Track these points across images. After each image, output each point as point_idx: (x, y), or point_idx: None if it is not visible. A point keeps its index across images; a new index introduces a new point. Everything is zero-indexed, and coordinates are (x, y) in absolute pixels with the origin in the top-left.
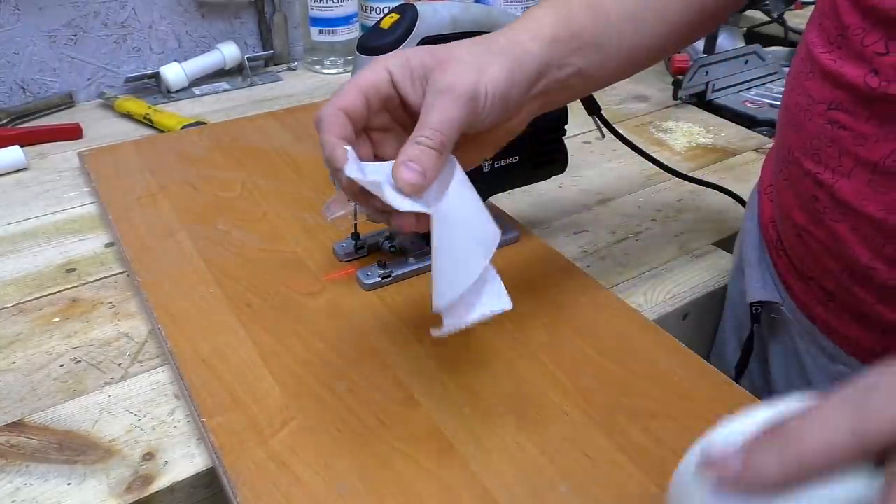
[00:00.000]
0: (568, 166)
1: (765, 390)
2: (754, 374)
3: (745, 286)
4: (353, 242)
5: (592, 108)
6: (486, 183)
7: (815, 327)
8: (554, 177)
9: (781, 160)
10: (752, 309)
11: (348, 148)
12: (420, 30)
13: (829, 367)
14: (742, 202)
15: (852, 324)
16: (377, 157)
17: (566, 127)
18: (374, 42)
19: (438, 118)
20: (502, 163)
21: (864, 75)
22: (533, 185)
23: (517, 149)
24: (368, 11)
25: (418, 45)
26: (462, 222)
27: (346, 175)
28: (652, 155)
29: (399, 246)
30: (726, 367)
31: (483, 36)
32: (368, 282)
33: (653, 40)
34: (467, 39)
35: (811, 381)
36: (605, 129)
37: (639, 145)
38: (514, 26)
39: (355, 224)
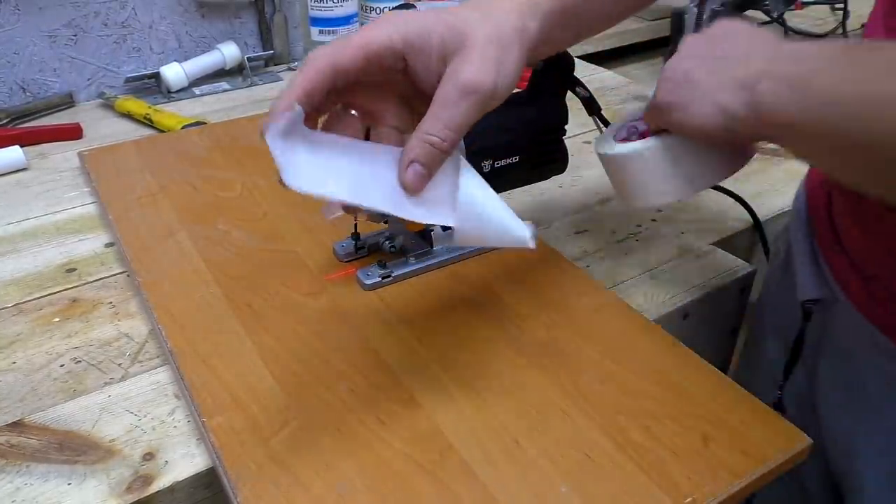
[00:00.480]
0: (568, 166)
1: (807, 391)
2: (798, 375)
3: (796, 283)
4: (354, 242)
5: (592, 108)
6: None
7: (875, 326)
8: (554, 177)
9: None
10: (804, 307)
11: (297, 108)
12: None
13: (885, 367)
14: (742, 202)
15: None
16: (364, 113)
17: (566, 127)
18: None
19: (455, 117)
20: (502, 163)
21: None
22: (533, 184)
23: (517, 149)
24: (368, 11)
25: None
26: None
27: (265, 138)
28: None
29: (399, 246)
30: (767, 368)
31: (489, 4)
32: (368, 282)
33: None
34: (477, 9)
35: (864, 382)
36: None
37: None
38: None
39: (355, 224)
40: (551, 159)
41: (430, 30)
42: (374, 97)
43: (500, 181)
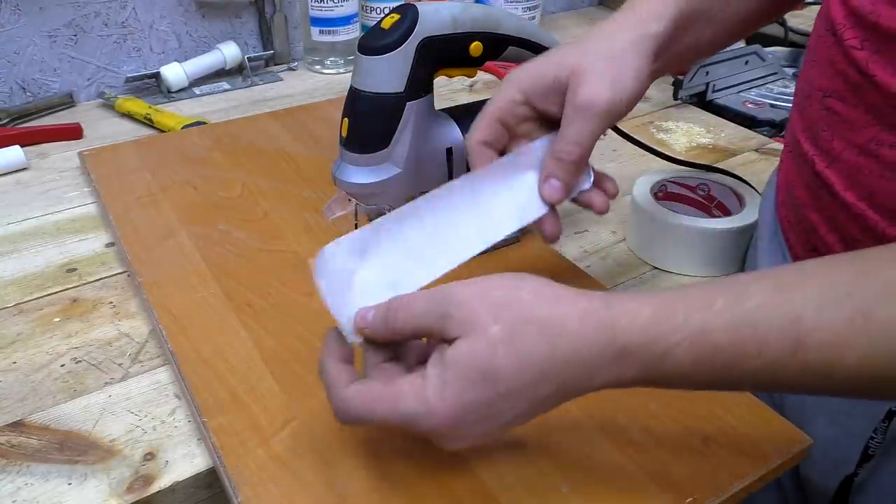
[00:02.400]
0: None
1: None
2: None
3: (755, 261)
4: None
5: None
6: None
7: None
8: None
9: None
10: None
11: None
12: (420, 30)
13: None
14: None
15: None
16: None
17: None
18: (375, 42)
19: (577, 132)
20: None
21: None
22: None
23: None
24: (369, 11)
25: (420, 44)
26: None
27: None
28: (664, 152)
29: None
30: None
31: (609, 23)
32: None
33: (756, 3)
34: (595, 34)
35: None
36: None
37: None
38: (640, 4)
39: (356, 224)
40: None
41: (544, 72)
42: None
43: None
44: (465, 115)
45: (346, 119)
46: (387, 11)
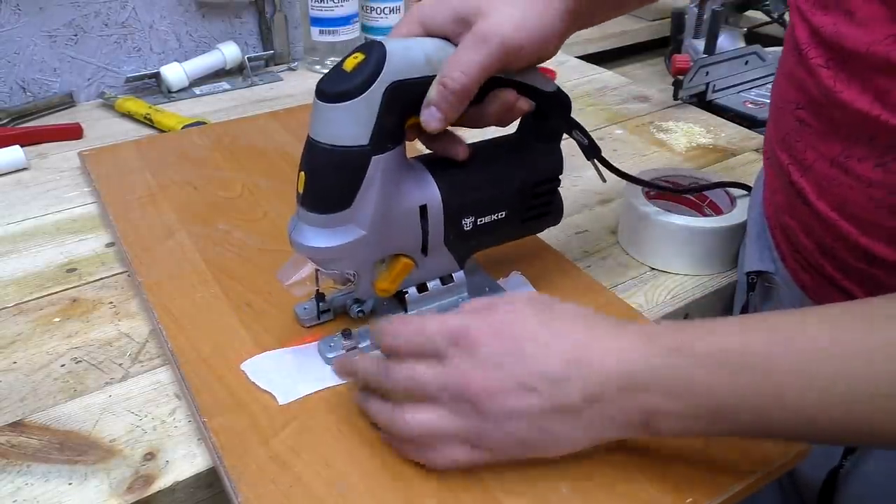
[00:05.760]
0: (567, 167)
1: None
2: None
3: (744, 257)
4: (317, 304)
5: (591, 154)
6: (466, 242)
7: (805, 294)
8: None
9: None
10: (749, 278)
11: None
12: (389, 72)
13: None
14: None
15: (834, 294)
16: None
17: (560, 177)
18: (334, 87)
19: (466, 61)
20: (486, 220)
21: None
22: None
23: (503, 204)
24: (369, 11)
25: (388, 89)
26: None
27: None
28: (661, 184)
29: (368, 310)
30: None
31: None
32: (331, 355)
33: None
34: None
35: None
36: (605, 173)
37: (638, 145)
38: None
39: (318, 290)
40: (543, 213)
41: (447, 7)
42: None
43: (483, 239)
44: (442, 165)
45: (302, 173)
46: (386, 11)
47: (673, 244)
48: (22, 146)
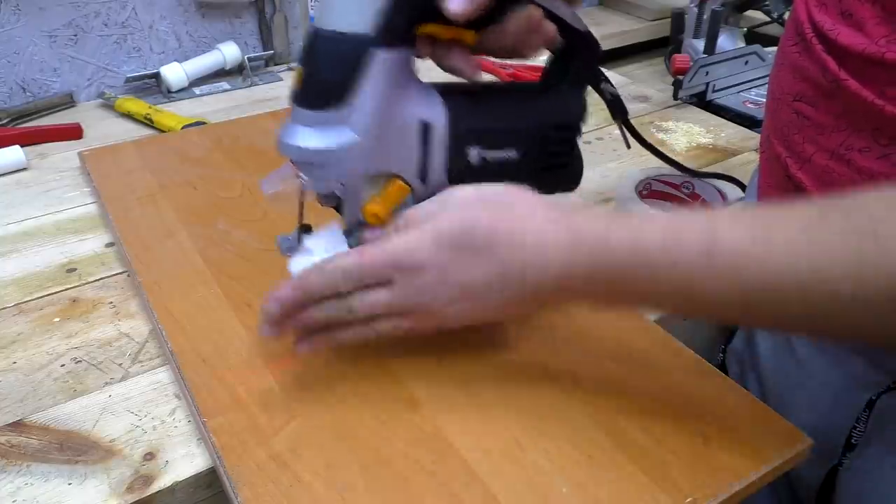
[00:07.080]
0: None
1: (747, 353)
2: (737, 339)
3: None
4: (299, 235)
5: (618, 111)
6: (470, 179)
7: None
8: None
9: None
10: None
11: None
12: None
13: None
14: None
15: None
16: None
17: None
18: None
19: None
20: (496, 155)
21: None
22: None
23: (516, 140)
24: None
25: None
26: None
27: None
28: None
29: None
30: (713, 335)
31: None
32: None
33: None
34: None
35: (794, 346)
36: (630, 138)
37: (638, 144)
38: None
39: (300, 210)
40: (560, 163)
41: None
42: None
43: (492, 179)
44: (456, 93)
45: (299, 67)
46: None
47: None
48: (22, 146)
